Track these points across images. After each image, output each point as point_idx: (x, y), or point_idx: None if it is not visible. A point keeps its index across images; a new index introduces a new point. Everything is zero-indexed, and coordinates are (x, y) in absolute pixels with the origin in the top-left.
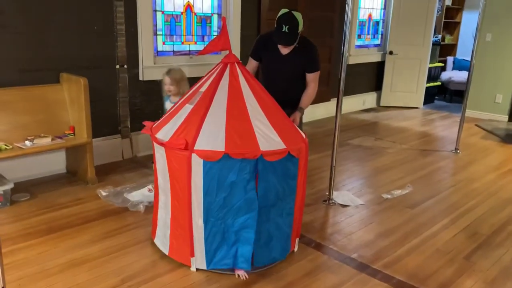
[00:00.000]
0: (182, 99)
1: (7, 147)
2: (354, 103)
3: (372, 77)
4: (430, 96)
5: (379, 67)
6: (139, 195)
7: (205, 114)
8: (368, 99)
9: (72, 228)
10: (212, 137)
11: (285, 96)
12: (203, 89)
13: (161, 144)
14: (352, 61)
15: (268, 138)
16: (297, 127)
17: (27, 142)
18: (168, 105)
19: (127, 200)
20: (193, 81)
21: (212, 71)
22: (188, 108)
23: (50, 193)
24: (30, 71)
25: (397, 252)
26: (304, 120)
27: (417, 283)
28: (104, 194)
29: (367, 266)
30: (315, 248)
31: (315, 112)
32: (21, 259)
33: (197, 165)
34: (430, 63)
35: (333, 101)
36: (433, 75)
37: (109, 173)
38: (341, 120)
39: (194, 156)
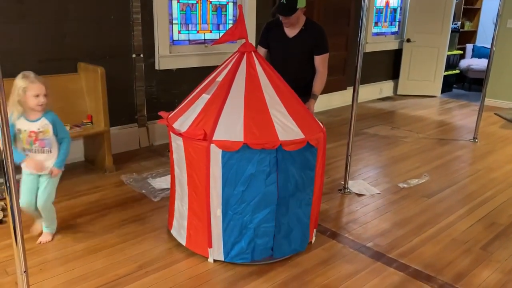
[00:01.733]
0: (199, 89)
1: None
2: (370, 92)
3: (389, 65)
4: (448, 84)
5: (396, 55)
6: (164, 182)
7: (223, 104)
8: (385, 88)
9: (90, 215)
10: (231, 127)
11: (295, 81)
12: (219, 78)
13: (179, 134)
14: (369, 49)
15: (286, 128)
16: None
17: None
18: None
19: (148, 187)
20: (209, 70)
21: (229, 60)
22: (205, 98)
23: (69, 181)
24: (48, 61)
25: (413, 241)
26: (320, 108)
27: (433, 272)
28: (127, 180)
29: (383, 255)
30: (330, 237)
31: (331, 100)
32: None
33: (215, 156)
34: (449, 50)
35: (349, 90)
36: (451, 63)
37: (126, 162)
38: (357, 109)
39: (212, 147)
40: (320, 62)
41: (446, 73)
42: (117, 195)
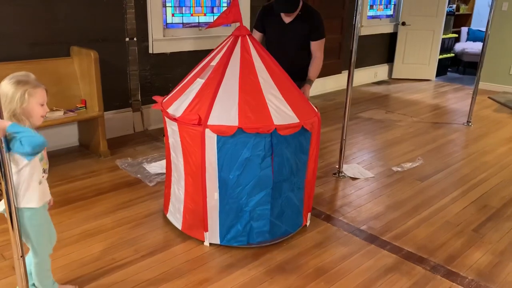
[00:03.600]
0: (193, 73)
1: None
2: (365, 76)
3: (384, 48)
4: (443, 68)
5: (392, 38)
6: (159, 167)
7: (218, 88)
8: (379, 71)
9: (86, 200)
10: (225, 112)
11: (291, 67)
12: (214, 62)
13: (174, 119)
14: (364, 32)
15: (281, 112)
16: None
17: None
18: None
19: (144, 172)
20: (203, 54)
21: (223, 44)
22: (199, 82)
23: (64, 166)
24: (40, 45)
25: (407, 224)
26: (315, 93)
27: (425, 254)
28: (121, 164)
29: (376, 238)
30: (325, 220)
31: (325, 84)
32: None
33: (210, 140)
34: (444, 34)
35: (344, 74)
36: (446, 47)
37: (121, 146)
38: (353, 92)
39: (207, 131)
40: (317, 47)
41: (441, 56)
42: (112, 180)
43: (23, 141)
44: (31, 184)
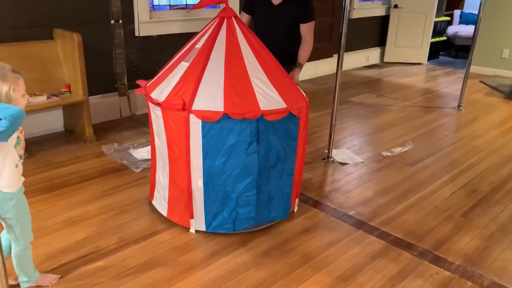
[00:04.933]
0: (177, 56)
1: None
2: (357, 59)
3: (376, 32)
4: (435, 51)
5: (384, 21)
6: (145, 153)
7: (202, 72)
8: (371, 55)
9: (70, 187)
10: (211, 96)
11: (280, 51)
12: (198, 45)
13: (157, 104)
14: (356, 15)
15: (268, 97)
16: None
17: None
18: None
19: (130, 157)
20: (191, 36)
21: (208, 26)
22: (183, 65)
23: (48, 151)
24: (22, 27)
25: (395, 209)
26: (306, 77)
27: (413, 240)
28: (107, 150)
29: (364, 223)
30: (312, 206)
31: (316, 68)
32: None
33: (195, 126)
34: (436, 17)
35: (336, 57)
36: (438, 30)
37: (107, 132)
38: (343, 76)
39: (192, 117)
40: (306, 30)
41: (433, 40)
42: (97, 166)
43: (0, 114)
44: (5, 167)
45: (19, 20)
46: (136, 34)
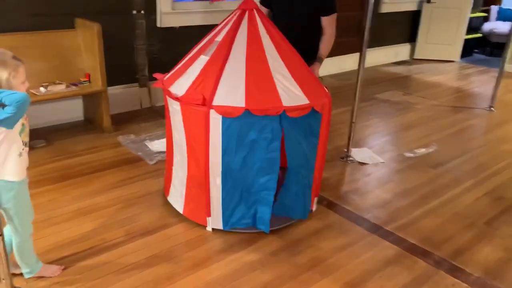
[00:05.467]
0: (196, 49)
1: None
2: (385, 55)
3: (406, 27)
4: (469, 49)
5: (415, 16)
6: (161, 145)
7: (223, 66)
8: (401, 51)
9: (83, 177)
10: (231, 92)
11: (300, 44)
12: (219, 38)
13: (176, 98)
14: (386, 9)
15: (290, 93)
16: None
17: (41, 89)
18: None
19: (145, 149)
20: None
21: (229, 19)
22: (203, 59)
23: (66, 140)
24: (44, 16)
25: (413, 214)
26: (332, 71)
27: (430, 247)
28: (124, 141)
29: (380, 228)
30: (327, 207)
31: (343, 63)
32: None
33: (215, 122)
34: (472, 12)
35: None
36: (473, 26)
37: (126, 122)
38: (370, 72)
39: (212, 112)
40: (328, 23)
41: (467, 36)
42: (112, 157)
43: (6, 100)
44: (9, 156)
45: (40, 8)
46: (158, 25)
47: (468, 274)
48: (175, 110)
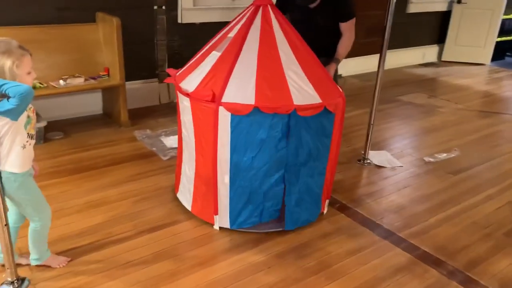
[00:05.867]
0: (209, 45)
1: (41, 86)
2: (412, 56)
3: (435, 28)
4: (501, 52)
5: (444, 17)
6: (174, 140)
7: (234, 63)
8: (428, 52)
9: (97, 170)
10: (241, 88)
11: (318, 44)
12: (231, 34)
13: (186, 94)
14: (414, 9)
15: (302, 91)
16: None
17: (61, 82)
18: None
19: (160, 144)
20: None
21: (243, 14)
22: (215, 55)
23: (83, 133)
24: (66, 10)
25: (428, 221)
26: (355, 72)
27: (443, 256)
28: (139, 136)
29: (392, 234)
30: (339, 210)
31: (367, 64)
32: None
33: (224, 119)
34: (505, 14)
35: (389, 53)
36: (506, 29)
37: (143, 117)
38: (394, 74)
39: (221, 109)
40: (347, 28)
41: (499, 39)
42: (127, 151)
43: (9, 91)
44: (13, 148)
45: (63, 1)
46: (179, 21)
47: (483, 286)
48: (185, 106)
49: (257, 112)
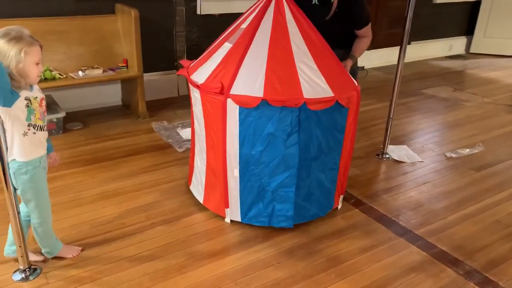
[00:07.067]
0: (222, 36)
1: (61, 77)
2: (438, 48)
3: (463, 19)
4: None
5: (473, 8)
6: (190, 132)
7: (244, 54)
8: (456, 44)
9: (112, 161)
10: (251, 80)
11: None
12: (244, 25)
13: (196, 86)
14: None
15: (313, 84)
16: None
17: (80, 73)
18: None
19: (176, 136)
20: None
21: (256, 5)
22: (227, 47)
23: (102, 124)
24: (86, 1)
25: (447, 218)
26: (378, 64)
27: (461, 256)
28: (156, 127)
29: (408, 231)
30: (353, 205)
31: (392, 56)
32: (59, 186)
33: (232, 112)
34: None
35: (413, 45)
36: None
37: (162, 109)
38: (419, 66)
39: (229, 102)
40: (363, 33)
41: None
42: (143, 142)
43: None
44: (14, 136)
45: None
46: (198, 12)
47: None
48: (196, 98)
49: (265, 105)
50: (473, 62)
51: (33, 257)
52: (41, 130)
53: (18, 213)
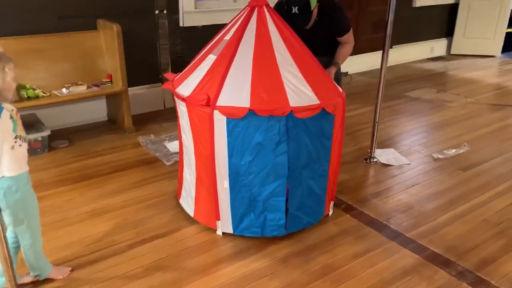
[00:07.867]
0: (206, 49)
1: (44, 95)
2: (420, 51)
3: (442, 21)
4: (511, 43)
5: (452, 10)
6: (178, 145)
7: (229, 65)
8: (437, 46)
9: (101, 177)
10: (237, 91)
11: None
12: (227, 37)
13: (182, 99)
14: (421, 3)
15: (299, 93)
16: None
17: (63, 90)
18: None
19: (163, 149)
20: None
21: (238, 16)
22: (211, 58)
23: (88, 140)
24: (68, 18)
25: (437, 220)
26: (362, 69)
27: (453, 257)
28: (143, 141)
29: (400, 234)
30: (344, 211)
31: (375, 61)
32: (48, 205)
33: (220, 123)
34: None
35: (396, 48)
36: None
37: (148, 122)
38: (403, 69)
39: (216, 113)
40: (345, 40)
41: (509, 30)
42: (131, 157)
43: None
44: (3, 150)
45: (66, 10)
46: (181, 25)
47: (494, 287)
48: (182, 111)
49: (252, 115)
50: (454, 63)
51: (22, 280)
52: (24, 141)
53: (5, 236)
